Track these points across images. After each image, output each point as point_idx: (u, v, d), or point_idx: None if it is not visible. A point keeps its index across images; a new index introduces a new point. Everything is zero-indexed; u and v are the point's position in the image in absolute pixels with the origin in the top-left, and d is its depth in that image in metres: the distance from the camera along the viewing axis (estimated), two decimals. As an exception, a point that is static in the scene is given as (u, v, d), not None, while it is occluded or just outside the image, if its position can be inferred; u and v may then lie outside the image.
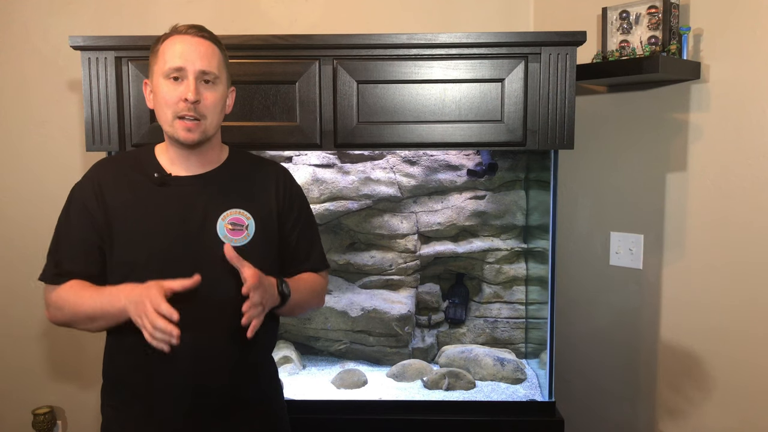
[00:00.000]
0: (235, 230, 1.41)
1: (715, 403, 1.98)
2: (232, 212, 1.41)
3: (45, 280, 1.42)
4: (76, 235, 1.40)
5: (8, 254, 2.38)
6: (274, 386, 1.57)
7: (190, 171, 1.43)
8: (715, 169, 1.94)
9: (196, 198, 1.41)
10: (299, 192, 1.58)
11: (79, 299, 1.35)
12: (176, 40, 1.37)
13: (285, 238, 1.51)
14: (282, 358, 2.21)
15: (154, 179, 1.41)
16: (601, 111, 2.22)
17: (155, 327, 1.23)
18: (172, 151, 1.43)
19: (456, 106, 1.78)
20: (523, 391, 2.06)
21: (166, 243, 1.37)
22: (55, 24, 2.30)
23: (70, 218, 1.42)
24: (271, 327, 1.51)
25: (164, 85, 1.36)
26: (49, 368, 2.45)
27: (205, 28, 1.41)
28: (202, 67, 1.35)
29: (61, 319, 1.41)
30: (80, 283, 1.39)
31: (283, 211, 1.50)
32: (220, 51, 1.41)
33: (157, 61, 1.38)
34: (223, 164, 1.47)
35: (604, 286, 2.25)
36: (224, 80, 1.41)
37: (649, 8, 1.94)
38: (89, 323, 1.38)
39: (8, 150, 2.37)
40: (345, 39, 1.77)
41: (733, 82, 1.89)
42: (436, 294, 2.37)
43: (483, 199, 2.31)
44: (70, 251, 1.40)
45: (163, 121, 1.38)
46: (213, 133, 1.41)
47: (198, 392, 1.38)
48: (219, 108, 1.40)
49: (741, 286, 1.91)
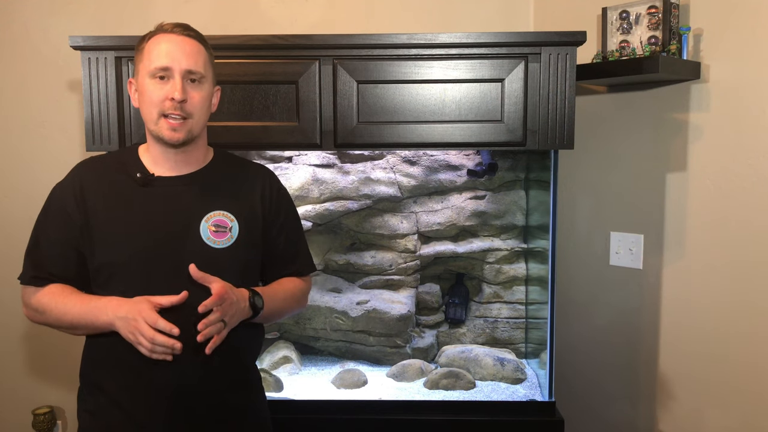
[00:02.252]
0: (218, 232, 1.39)
1: (715, 403, 1.98)
2: (216, 214, 1.40)
3: (23, 281, 1.41)
4: (55, 236, 1.39)
5: (8, 254, 2.37)
6: (256, 393, 1.54)
7: (174, 171, 1.41)
8: (715, 169, 1.94)
9: (179, 199, 1.39)
10: (286, 195, 1.57)
11: (62, 307, 1.35)
12: (162, 38, 1.35)
13: (271, 241, 1.50)
14: (282, 358, 2.21)
15: (136, 179, 1.39)
16: (601, 111, 2.22)
17: (155, 343, 1.24)
18: (155, 150, 1.41)
19: (456, 106, 1.78)
20: (523, 391, 2.06)
21: (149, 244, 1.35)
22: (55, 24, 2.30)
23: (48, 219, 1.41)
24: (254, 336, 1.50)
25: (150, 84, 1.34)
26: (49, 368, 2.45)
27: (190, 26, 1.39)
28: (189, 67, 1.34)
29: (41, 322, 1.41)
30: (61, 288, 1.38)
31: (269, 214, 1.49)
32: (206, 50, 1.39)
33: (142, 59, 1.36)
34: (207, 165, 1.46)
35: (604, 286, 2.25)
36: (210, 79, 1.40)
37: (649, 8, 1.94)
38: (71, 330, 1.39)
39: (8, 150, 2.37)
40: (345, 39, 1.77)
41: (733, 82, 1.89)
42: (436, 294, 2.37)
43: (483, 199, 2.31)
44: (48, 253, 1.40)
45: (148, 120, 1.37)
46: (198, 132, 1.40)
47: (178, 397, 1.35)
48: (205, 107, 1.40)
49: (741, 286, 1.91)
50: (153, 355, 1.26)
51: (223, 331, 1.31)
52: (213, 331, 1.29)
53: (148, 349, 1.26)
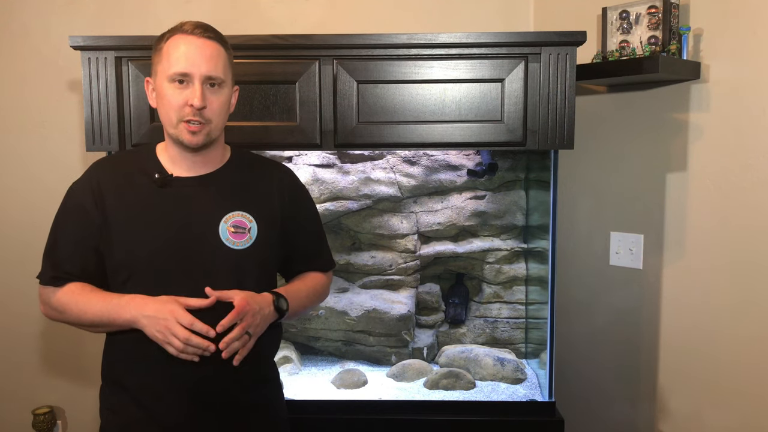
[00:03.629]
0: (237, 233, 1.38)
1: (715, 403, 1.98)
2: (235, 215, 1.39)
3: (43, 281, 1.40)
4: (73, 236, 1.38)
5: (8, 254, 2.38)
6: (275, 391, 1.55)
7: (192, 171, 1.41)
8: (715, 169, 1.94)
9: (198, 200, 1.39)
10: (304, 192, 1.56)
11: (83, 306, 1.34)
12: (181, 40, 1.33)
13: (291, 239, 1.49)
14: (282, 358, 2.21)
15: (155, 180, 1.38)
16: (601, 111, 2.22)
17: (189, 344, 1.25)
18: (173, 151, 1.41)
19: (456, 106, 1.78)
20: (523, 391, 2.06)
21: (168, 245, 1.35)
22: (55, 24, 2.30)
23: (67, 219, 1.40)
24: (273, 334, 1.49)
25: (169, 88, 1.33)
26: (49, 368, 2.45)
27: (210, 27, 1.38)
28: (208, 72, 1.33)
29: (61, 320, 1.41)
30: (81, 286, 1.37)
31: (288, 212, 1.48)
32: (226, 51, 1.38)
33: (161, 60, 1.35)
34: (225, 165, 1.46)
35: (604, 286, 2.25)
36: (229, 82, 1.39)
37: (649, 8, 1.94)
38: (91, 328, 1.38)
39: (8, 150, 2.37)
40: (345, 39, 1.77)
41: (733, 82, 1.89)
42: (436, 294, 2.37)
43: (483, 199, 2.31)
44: (67, 252, 1.38)
45: (167, 124, 1.36)
46: (217, 135, 1.40)
47: (198, 397, 1.36)
48: (224, 111, 1.39)
49: (741, 286, 1.91)
50: (182, 355, 1.26)
51: (250, 342, 1.32)
52: (237, 347, 1.30)
53: (179, 349, 1.26)
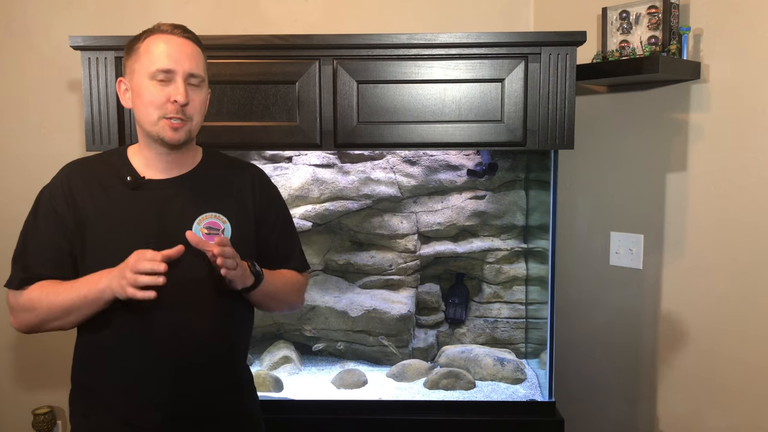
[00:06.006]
0: (211, 234, 1.38)
1: (715, 403, 1.98)
2: (208, 216, 1.39)
3: (11, 286, 1.37)
4: (46, 239, 1.37)
5: (8, 254, 2.37)
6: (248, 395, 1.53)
7: (164, 174, 1.40)
8: (715, 169, 1.94)
9: (170, 202, 1.38)
10: (276, 193, 1.56)
11: (54, 293, 1.32)
12: (160, 39, 1.34)
13: (263, 240, 1.49)
14: (282, 358, 2.21)
15: (127, 183, 1.37)
16: (601, 111, 2.22)
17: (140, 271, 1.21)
18: (148, 152, 1.40)
19: (456, 106, 1.78)
20: (523, 391, 2.06)
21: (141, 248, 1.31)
22: (55, 24, 2.30)
23: (39, 222, 1.38)
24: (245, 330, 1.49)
25: (150, 85, 1.32)
26: (49, 368, 2.45)
27: (187, 28, 1.38)
28: (191, 70, 1.33)
29: (32, 321, 1.36)
30: (49, 281, 1.35)
31: (260, 213, 1.48)
32: (203, 52, 1.39)
33: (138, 59, 1.34)
34: (197, 166, 1.45)
35: (604, 286, 2.25)
36: (206, 82, 1.41)
37: (649, 8, 1.94)
38: (64, 317, 1.33)
39: (8, 150, 2.36)
40: (345, 39, 1.77)
41: (733, 82, 1.89)
42: (436, 294, 2.37)
43: (483, 199, 2.31)
44: (39, 256, 1.36)
45: (146, 121, 1.34)
46: (196, 133, 1.40)
47: (170, 398, 1.35)
48: (203, 109, 1.40)
49: (741, 286, 1.91)
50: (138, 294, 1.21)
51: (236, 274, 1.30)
52: (230, 264, 1.28)
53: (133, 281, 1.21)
